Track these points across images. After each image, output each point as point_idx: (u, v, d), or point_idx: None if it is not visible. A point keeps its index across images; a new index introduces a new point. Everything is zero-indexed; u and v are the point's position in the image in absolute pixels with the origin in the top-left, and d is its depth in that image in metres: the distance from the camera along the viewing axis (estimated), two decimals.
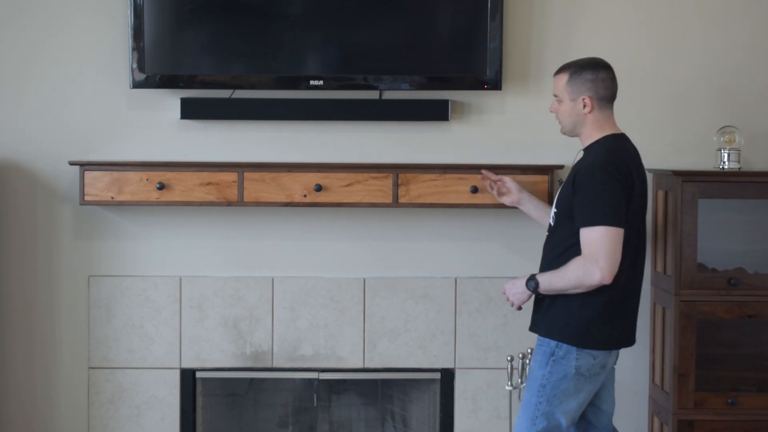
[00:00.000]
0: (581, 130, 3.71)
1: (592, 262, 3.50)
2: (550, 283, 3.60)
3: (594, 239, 3.50)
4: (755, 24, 4.47)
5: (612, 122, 3.71)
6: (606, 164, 3.57)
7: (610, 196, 3.53)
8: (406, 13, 4.35)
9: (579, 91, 3.66)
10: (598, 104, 3.67)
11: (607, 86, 3.68)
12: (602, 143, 3.67)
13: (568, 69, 3.70)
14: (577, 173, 3.60)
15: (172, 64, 4.34)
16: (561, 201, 3.67)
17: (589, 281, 3.52)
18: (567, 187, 3.64)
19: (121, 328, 4.47)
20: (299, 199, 4.25)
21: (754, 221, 4.33)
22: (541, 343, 3.66)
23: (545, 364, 3.62)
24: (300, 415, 4.65)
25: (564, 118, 3.73)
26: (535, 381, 3.65)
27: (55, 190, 4.45)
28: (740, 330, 4.34)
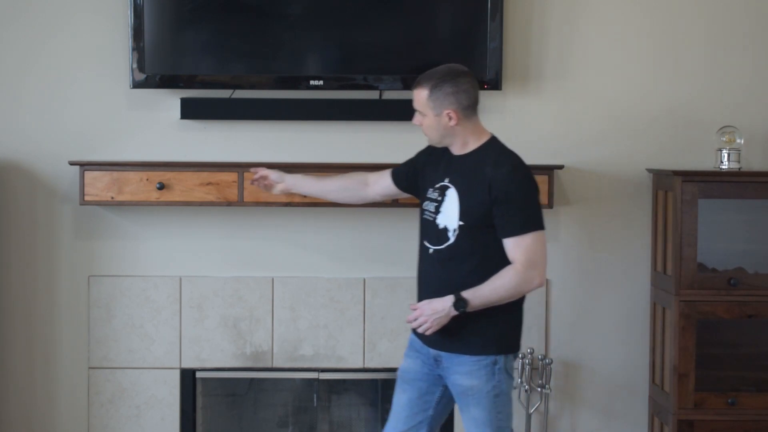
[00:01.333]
0: (452, 141, 3.62)
1: (531, 268, 3.49)
2: (482, 298, 3.51)
3: (529, 246, 3.49)
4: (755, 24, 4.47)
5: (481, 125, 3.65)
6: (523, 170, 3.55)
7: (535, 201, 3.55)
8: (406, 13, 4.35)
9: (441, 105, 3.56)
10: (463, 114, 3.58)
11: (469, 95, 3.59)
12: (493, 148, 3.61)
13: (427, 83, 3.58)
14: (492, 183, 3.49)
15: (172, 64, 4.34)
16: (470, 213, 3.54)
17: (528, 288, 3.53)
18: (475, 197, 3.53)
19: (121, 328, 4.47)
20: (299, 199, 4.25)
21: (754, 221, 4.34)
22: (476, 359, 3.56)
23: (491, 376, 3.56)
24: (300, 415, 4.65)
25: (430, 132, 3.63)
26: (485, 396, 3.56)
27: (55, 190, 4.45)
28: (740, 330, 4.34)
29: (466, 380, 3.57)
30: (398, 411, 3.72)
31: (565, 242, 4.49)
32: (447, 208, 3.58)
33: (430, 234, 3.63)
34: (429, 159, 3.74)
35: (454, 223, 3.56)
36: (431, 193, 3.65)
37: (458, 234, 3.55)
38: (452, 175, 3.61)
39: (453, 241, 3.56)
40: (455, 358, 3.58)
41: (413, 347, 3.73)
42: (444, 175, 3.63)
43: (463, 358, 3.57)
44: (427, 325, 3.54)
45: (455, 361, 3.58)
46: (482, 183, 3.51)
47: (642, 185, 4.48)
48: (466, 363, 3.56)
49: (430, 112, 3.58)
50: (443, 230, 3.58)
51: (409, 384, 3.71)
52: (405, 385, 3.72)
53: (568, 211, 4.48)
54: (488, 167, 3.53)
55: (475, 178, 3.54)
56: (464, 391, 3.58)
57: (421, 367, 3.69)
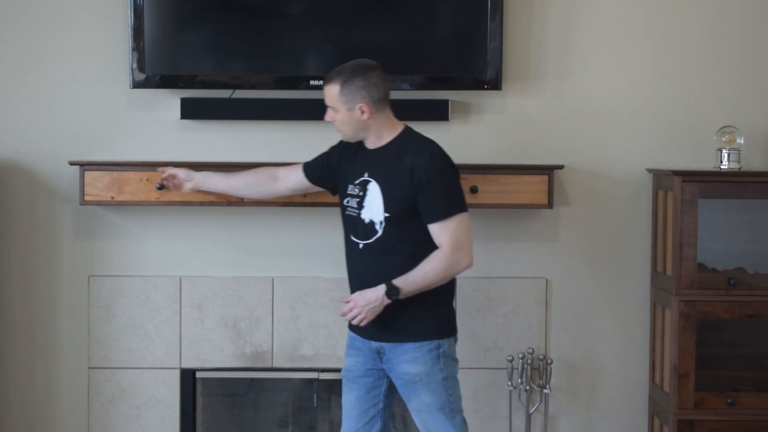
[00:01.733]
0: (366, 135, 3.67)
1: (458, 250, 3.56)
2: (414, 284, 3.56)
3: (455, 228, 3.56)
4: (755, 23, 4.47)
5: (393, 117, 3.69)
6: (443, 156, 3.63)
7: (456, 185, 3.62)
8: (406, 13, 4.35)
9: (354, 99, 3.61)
10: (375, 107, 3.62)
11: (380, 88, 3.63)
12: (409, 138, 3.66)
13: (338, 78, 3.63)
14: (413, 171, 3.55)
15: (172, 64, 4.34)
16: (394, 204, 3.58)
17: (457, 269, 3.60)
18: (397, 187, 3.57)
19: (121, 328, 4.47)
20: (299, 199, 4.25)
21: (754, 221, 4.33)
22: (419, 346, 3.61)
23: (436, 360, 3.62)
24: (300, 415, 4.65)
25: (343, 127, 3.68)
26: (434, 381, 3.62)
27: (55, 190, 4.45)
28: (740, 330, 4.34)
29: (412, 367, 3.61)
30: (349, 410, 3.77)
31: (565, 242, 4.49)
32: (370, 202, 3.63)
33: (356, 230, 3.67)
34: (344, 154, 3.79)
35: (380, 216, 3.61)
36: (351, 189, 3.70)
37: (385, 226, 3.61)
38: (371, 169, 3.66)
39: (381, 234, 3.61)
40: (398, 347, 3.63)
41: (353, 345, 3.77)
42: (363, 170, 3.68)
43: (406, 346, 3.62)
44: (362, 315, 3.58)
45: (398, 351, 3.63)
46: (403, 172, 3.57)
47: (642, 185, 4.48)
48: (409, 350, 3.61)
49: (342, 107, 3.64)
50: (370, 224, 3.63)
51: (355, 382, 3.76)
52: (351, 384, 3.77)
53: (568, 211, 4.48)
54: (407, 156, 3.59)
55: (395, 168, 3.60)
56: (411, 378, 3.62)
57: (363, 363, 3.74)
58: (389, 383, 3.75)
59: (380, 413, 3.76)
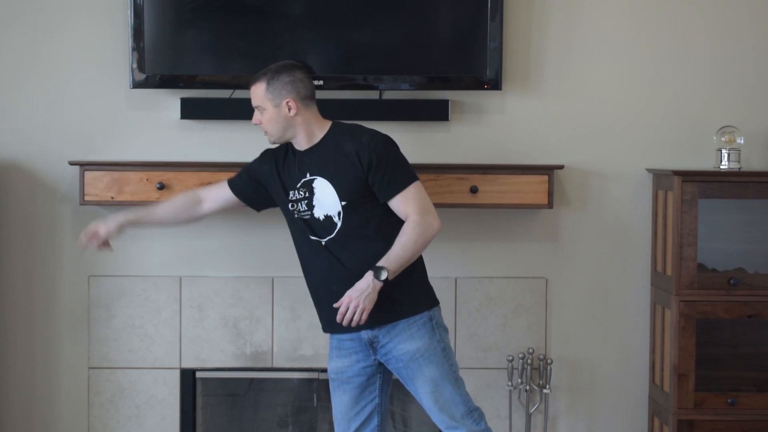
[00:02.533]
0: (294, 133, 3.68)
1: (426, 213, 3.62)
2: (398, 259, 3.58)
3: (415, 195, 3.61)
4: (755, 23, 4.47)
5: (320, 116, 3.72)
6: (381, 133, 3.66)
7: (402, 156, 3.67)
8: (406, 13, 4.35)
9: (280, 95, 3.64)
10: (302, 104, 3.65)
11: (306, 85, 3.67)
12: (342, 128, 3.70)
13: (263, 76, 3.67)
14: (359, 153, 3.58)
15: (172, 64, 4.34)
16: (348, 191, 3.60)
17: (432, 232, 3.63)
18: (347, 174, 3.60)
19: (121, 328, 4.47)
20: None
21: (754, 221, 4.33)
22: (412, 321, 3.63)
23: (432, 332, 3.64)
24: (300, 415, 4.65)
25: (271, 126, 3.68)
26: (433, 353, 3.63)
27: (55, 190, 4.45)
28: (740, 330, 4.34)
29: (411, 344, 3.62)
30: (344, 412, 3.77)
31: (565, 242, 4.48)
32: (320, 198, 3.64)
33: (315, 229, 3.67)
34: (274, 166, 3.78)
35: (336, 208, 3.63)
36: (295, 194, 3.70)
37: (344, 215, 3.62)
38: (311, 168, 3.67)
39: (341, 224, 3.63)
40: (392, 328, 3.64)
41: (341, 347, 3.76)
42: (303, 172, 3.69)
43: (400, 325, 3.63)
44: (361, 307, 3.55)
45: (394, 332, 3.64)
46: (348, 158, 3.60)
47: (642, 185, 4.48)
48: (404, 328, 3.63)
49: (269, 104, 3.66)
50: (327, 219, 3.64)
51: (348, 383, 3.76)
52: (345, 386, 3.77)
53: (568, 211, 4.48)
54: (347, 143, 3.63)
55: (337, 158, 3.62)
56: (413, 356, 3.63)
57: (356, 362, 3.73)
58: (382, 378, 3.75)
59: (377, 409, 3.76)
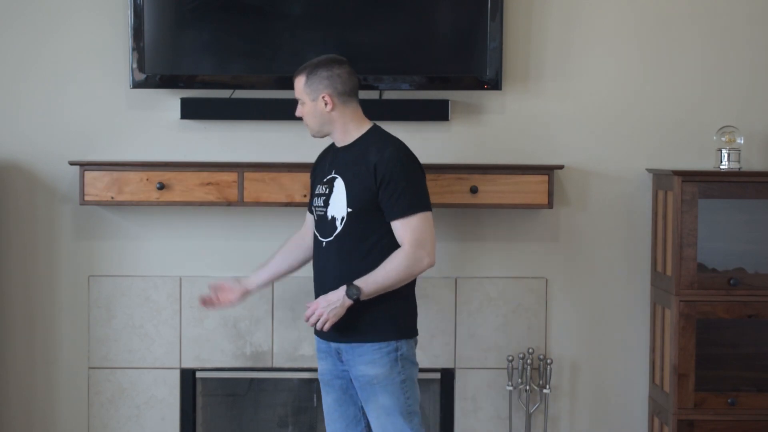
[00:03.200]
0: (331, 128, 3.67)
1: (419, 247, 3.53)
2: (375, 284, 3.53)
3: (417, 226, 3.53)
4: (755, 24, 4.47)
5: (362, 115, 3.69)
6: (407, 152, 3.62)
7: (421, 183, 3.60)
8: (406, 13, 4.35)
9: (317, 90, 3.63)
10: (339, 100, 3.63)
11: (344, 81, 3.64)
12: (375, 134, 3.66)
13: (304, 70, 3.67)
14: (377, 166, 3.54)
15: (172, 64, 4.34)
16: (356, 199, 3.58)
17: (419, 268, 3.56)
18: (360, 183, 3.57)
19: (121, 328, 4.47)
20: (299, 199, 4.25)
21: (754, 221, 4.33)
22: (377, 347, 3.57)
23: (394, 363, 3.58)
24: (300, 415, 4.65)
25: (309, 119, 3.68)
26: (392, 383, 3.58)
27: (55, 190, 4.45)
28: (740, 330, 4.34)
29: (370, 369, 3.59)
30: (330, 413, 3.76)
31: (565, 242, 4.48)
32: (335, 199, 3.63)
33: (321, 227, 3.67)
34: (317, 163, 3.80)
35: (342, 212, 3.61)
36: (319, 188, 3.71)
37: (346, 222, 3.60)
38: (338, 166, 3.66)
39: (341, 230, 3.61)
40: (356, 348, 3.60)
41: (320, 349, 3.76)
42: (331, 169, 3.69)
43: (364, 348, 3.59)
44: (324, 317, 3.55)
45: (356, 352, 3.60)
46: (367, 168, 3.57)
47: (642, 185, 4.48)
48: (367, 352, 3.59)
49: (307, 98, 3.66)
50: (332, 221, 3.63)
51: (329, 385, 3.75)
52: (327, 387, 3.76)
53: (568, 211, 4.48)
54: (372, 152, 3.59)
55: (359, 164, 3.59)
56: (369, 380, 3.59)
57: (333, 365, 3.72)
58: None
59: (362, 411, 3.73)
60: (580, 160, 4.46)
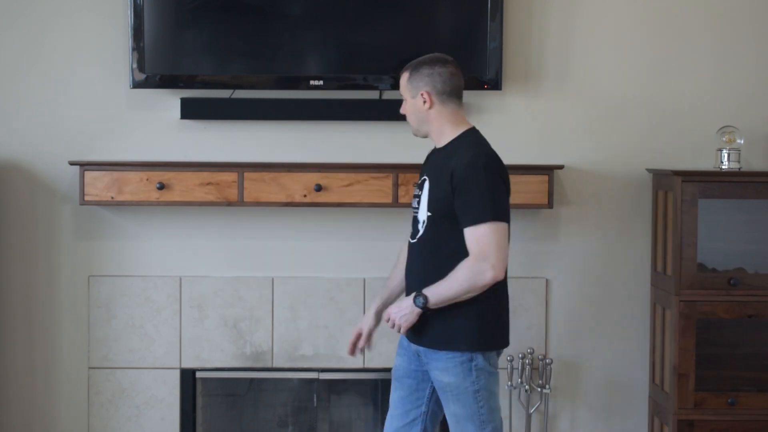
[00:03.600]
0: (429, 128, 3.62)
1: (482, 260, 3.43)
2: (440, 295, 3.47)
3: (482, 236, 3.44)
4: (756, 24, 4.47)
5: (462, 117, 3.62)
6: (486, 160, 3.51)
7: (493, 192, 3.48)
8: (406, 13, 4.35)
9: (417, 87, 3.58)
10: (438, 99, 3.57)
11: (445, 80, 3.57)
12: (465, 139, 3.59)
13: (408, 68, 3.64)
14: (454, 172, 3.48)
15: (172, 64, 4.34)
16: (435, 203, 3.54)
17: (482, 281, 3.44)
18: (440, 187, 3.52)
19: (121, 328, 4.47)
20: (299, 199, 4.25)
21: (754, 221, 4.34)
22: (451, 356, 3.52)
23: (467, 373, 3.52)
24: (300, 415, 4.65)
25: (410, 117, 3.65)
26: (464, 392, 3.53)
27: (55, 190, 4.45)
28: (740, 330, 4.34)
29: (444, 377, 3.56)
30: (393, 408, 3.74)
31: (565, 242, 4.48)
32: (423, 200, 3.60)
33: (413, 227, 3.66)
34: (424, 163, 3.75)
35: (424, 215, 3.58)
36: (416, 189, 3.68)
37: (426, 225, 3.57)
38: (428, 169, 3.64)
39: (422, 233, 3.58)
40: (431, 353, 3.57)
41: (401, 344, 3.74)
42: (425, 170, 3.66)
43: (439, 354, 3.55)
44: (397, 324, 3.54)
45: (432, 357, 3.57)
46: (446, 173, 3.50)
47: (642, 185, 4.48)
48: (441, 359, 3.55)
49: (408, 95, 3.62)
50: (418, 222, 3.61)
51: (400, 381, 3.72)
52: (396, 383, 3.73)
53: (568, 211, 4.48)
54: (454, 158, 3.52)
55: (442, 168, 3.54)
56: (443, 387, 3.57)
57: (408, 364, 3.69)
58: (432, 387, 3.67)
59: (422, 416, 3.68)
60: (580, 160, 4.46)
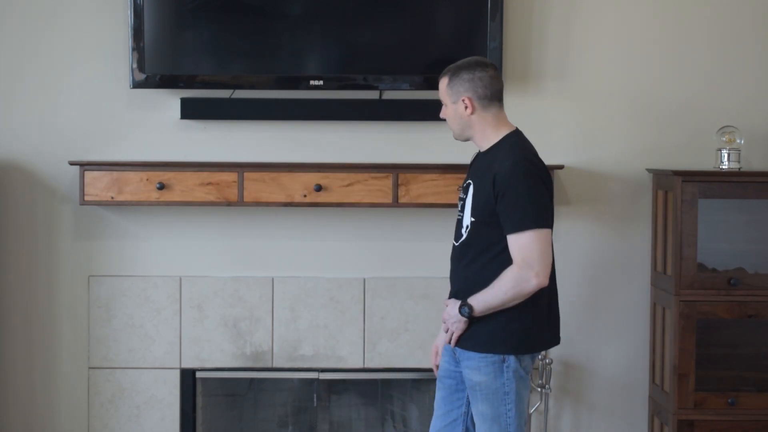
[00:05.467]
0: (472, 133, 3.59)
1: (526, 268, 3.42)
2: (485, 303, 3.47)
3: (525, 244, 3.42)
4: (756, 24, 4.47)
5: (505, 120, 3.61)
6: (527, 165, 3.49)
7: (536, 198, 3.46)
8: (406, 13, 4.35)
9: (458, 92, 3.56)
10: (479, 104, 3.54)
11: (486, 85, 3.54)
12: (507, 142, 3.57)
13: (447, 73, 3.60)
14: (495, 177, 3.46)
15: (172, 64, 4.34)
16: (478, 208, 3.53)
17: (526, 289, 3.44)
18: (484, 192, 3.51)
19: (121, 328, 4.47)
20: (299, 199, 4.25)
21: (754, 221, 4.34)
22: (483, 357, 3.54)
23: (500, 374, 3.53)
24: (300, 415, 4.65)
25: (451, 122, 3.62)
26: (493, 393, 3.54)
27: (55, 190, 4.45)
28: (740, 330, 4.34)
29: (474, 375, 3.56)
30: (436, 409, 3.76)
31: (565, 242, 4.48)
32: (467, 204, 3.58)
33: (456, 230, 3.65)
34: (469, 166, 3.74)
35: (467, 220, 3.56)
36: (461, 193, 3.67)
37: (470, 230, 3.55)
38: (473, 173, 3.62)
39: (465, 237, 3.56)
40: (465, 353, 3.58)
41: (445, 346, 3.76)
42: (469, 174, 3.65)
43: (471, 354, 3.56)
44: (450, 330, 3.56)
45: (465, 356, 3.59)
46: (490, 178, 3.48)
47: (642, 185, 4.48)
48: (473, 358, 3.56)
49: (448, 100, 3.59)
50: (461, 227, 3.59)
51: (442, 382, 3.74)
52: (439, 383, 3.76)
53: (568, 211, 4.48)
54: (496, 162, 3.50)
55: (486, 173, 3.52)
56: (473, 386, 3.58)
57: (448, 364, 3.71)
58: None
59: (463, 417, 3.69)
60: (580, 160, 4.46)
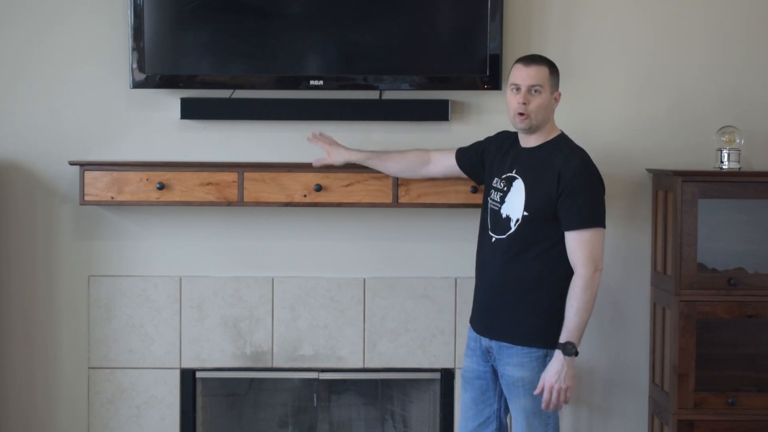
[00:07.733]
0: (543, 126, 3.67)
1: (591, 266, 3.54)
2: (577, 328, 3.54)
3: (589, 240, 3.52)
4: (756, 23, 4.47)
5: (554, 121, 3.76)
6: (593, 165, 3.62)
7: (601, 198, 3.60)
8: (406, 13, 4.35)
9: (556, 85, 3.66)
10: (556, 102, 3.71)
11: None
12: (565, 143, 3.67)
13: (545, 62, 3.67)
14: (561, 175, 3.55)
15: (172, 64, 4.34)
16: (534, 203, 3.58)
17: (597, 287, 3.58)
18: (543, 188, 3.57)
19: (121, 328, 4.47)
20: (299, 199, 4.25)
21: (754, 221, 4.33)
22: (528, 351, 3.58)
23: (542, 368, 3.59)
24: (300, 415, 4.65)
25: (538, 111, 3.65)
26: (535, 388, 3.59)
27: (55, 190, 4.45)
28: (740, 330, 4.34)
29: (516, 371, 3.59)
30: (465, 410, 3.79)
31: None
32: (512, 198, 3.62)
33: (493, 223, 3.67)
34: (498, 150, 3.78)
35: (518, 214, 3.60)
36: (497, 183, 3.69)
37: (520, 224, 3.59)
38: (519, 167, 3.65)
39: (514, 231, 3.60)
40: (505, 348, 3.60)
41: (469, 345, 3.79)
42: (512, 167, 3.68)
43: (513, 349, 3.59)
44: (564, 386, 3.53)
45: (505, 353, 3.60)
46: (552, 175, 3.56)
47: (642, 185, 4.48)
48: (516, 354, 3.59)
49: (548, 90, 3.64)
50: (506, 220, 3.62)
51: (470, 383, 3.76)
52: (467, 385, 3.78)
53: None
54: (559, 160, 3.59)
55: (544, 170, 3.59)
56: (514, 382, 3.60)
57: (477, 365, 3.73)
58: None
59: (495, 414, 3.75)
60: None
